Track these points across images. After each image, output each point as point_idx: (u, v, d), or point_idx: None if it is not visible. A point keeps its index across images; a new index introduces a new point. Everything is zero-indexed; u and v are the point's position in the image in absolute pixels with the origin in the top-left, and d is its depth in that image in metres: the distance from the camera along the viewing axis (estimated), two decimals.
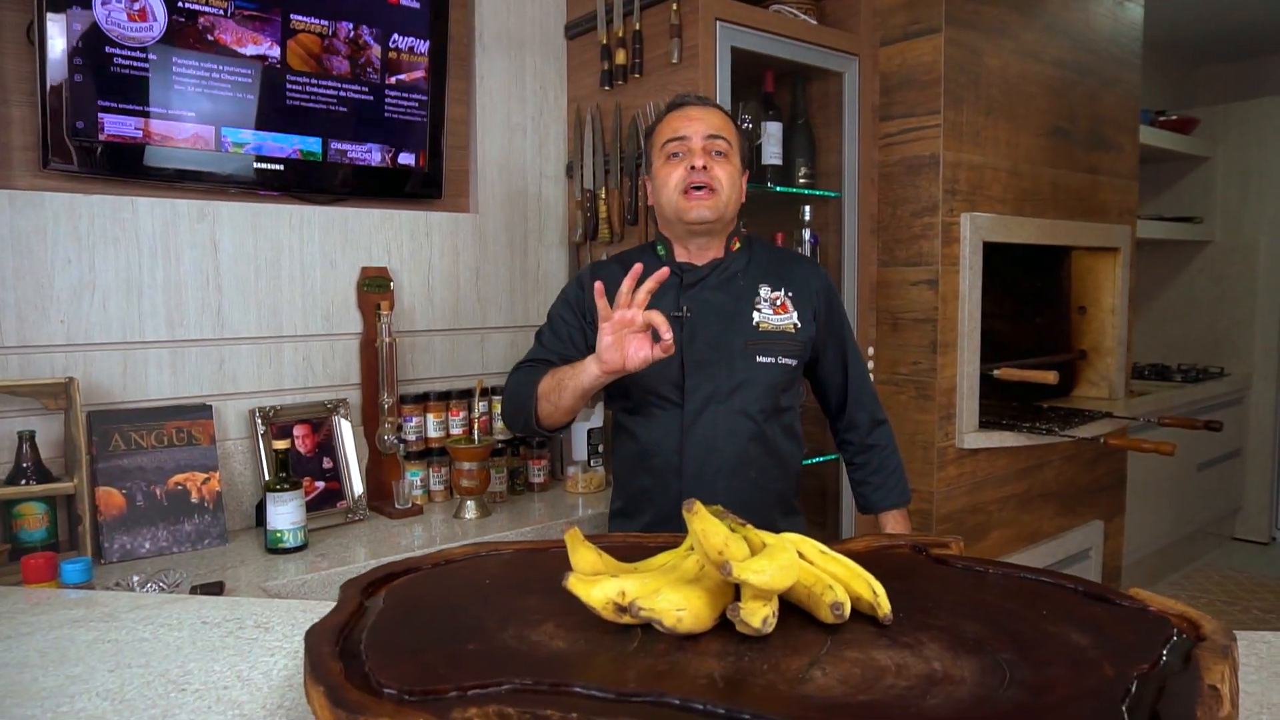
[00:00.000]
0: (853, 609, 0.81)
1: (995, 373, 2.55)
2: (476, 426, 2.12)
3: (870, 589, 0.80)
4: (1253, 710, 0.79)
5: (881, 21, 2.41)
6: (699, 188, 1.48)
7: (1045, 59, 2.65)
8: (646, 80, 2.15)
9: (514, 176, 2.34)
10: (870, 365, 2.48)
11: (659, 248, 1.60)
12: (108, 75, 1.68)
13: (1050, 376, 2.37)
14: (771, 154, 2.33)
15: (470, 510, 1.98)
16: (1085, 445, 2.85)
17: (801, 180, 2.39)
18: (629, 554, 0.93)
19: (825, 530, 2.54)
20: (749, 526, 0.85)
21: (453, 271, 2.23)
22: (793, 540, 0.85)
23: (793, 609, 0.82)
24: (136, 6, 1.69)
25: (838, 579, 0.81)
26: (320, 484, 1.93)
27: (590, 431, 2.25)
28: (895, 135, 2.41)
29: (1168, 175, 4.73)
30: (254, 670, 0.88)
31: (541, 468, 2.25)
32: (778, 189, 2.33)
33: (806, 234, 2.41)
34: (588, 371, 1.39)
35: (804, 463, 1.73)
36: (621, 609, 0.76)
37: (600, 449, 2.26)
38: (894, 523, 1.69)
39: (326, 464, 1.96)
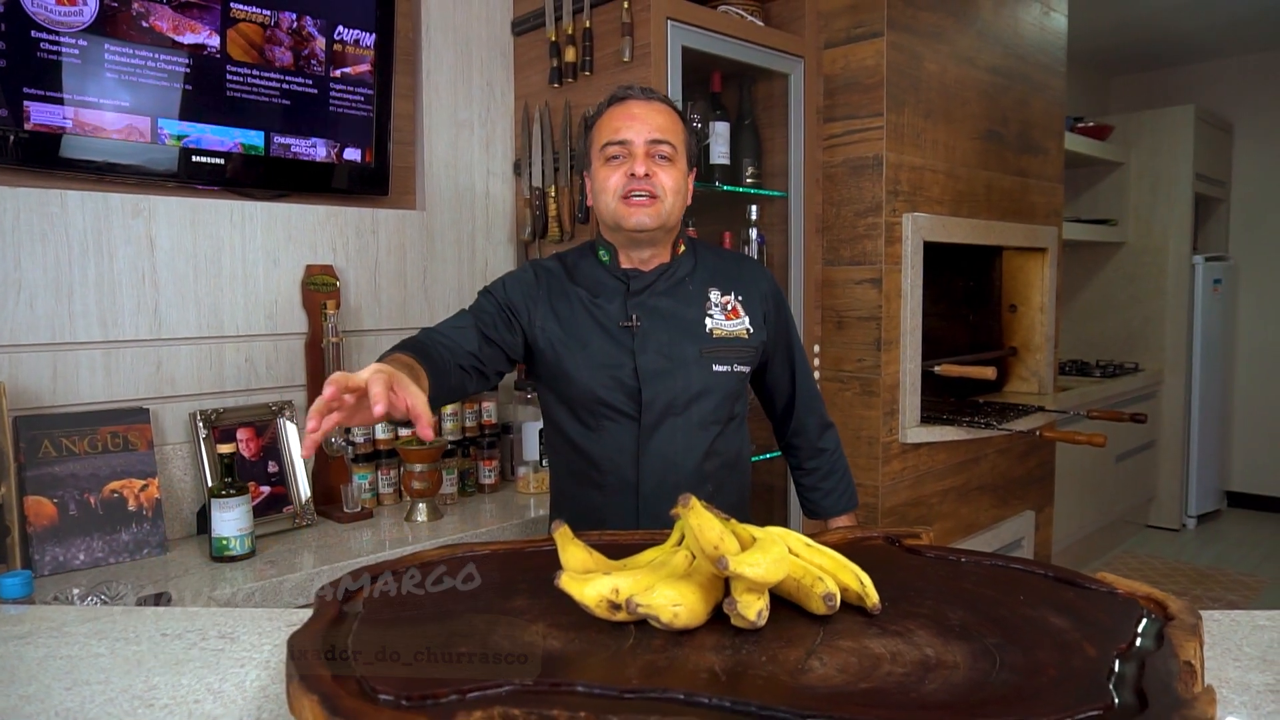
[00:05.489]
0: (840, 600, 0.82)
1: (936, 369, 2.62)
2: None
3: (857, 579, 0.81)
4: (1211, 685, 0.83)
5: (825, 24, 2.45)
6: (640, 194, 1.39)
7: (980, 65, 2.73)
8: (597, 78, 2.15)
9: (461, 173, 2.31)
10: (816, 363, 2.52)
11: (601, 252, 1.50)
12: (34, 61, 1.59)
13: (989, 372, 2.45)
14: (719, 153, 2.34)
15: (422, 513, 1.94)
16: (1018, 439, 2.95)
17: (748, 180, 2.41)
18: (609, 552, 0.92)
19: None
20: (733, 521, 0.86)
21: (400, 270, 2.18)
22: (779, 534, 0.86)
23: (781, 602, 0.83)
24: None
25: (825, 571, 0.82)
26: (265, 489, 1.87)
27: (541, 430, 2.23)
28: (840, 136, 2.45)
29: (1086, 179, 4.94)
30: (225, 682, 0.84)
31: (492, 468, 2.22)
32: (725, 188, 2.35)
33: (753, 233, 2.44)
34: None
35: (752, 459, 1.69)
36: (615, 606, 0.75)
37: None
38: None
39: (272, 468, 1.89)
